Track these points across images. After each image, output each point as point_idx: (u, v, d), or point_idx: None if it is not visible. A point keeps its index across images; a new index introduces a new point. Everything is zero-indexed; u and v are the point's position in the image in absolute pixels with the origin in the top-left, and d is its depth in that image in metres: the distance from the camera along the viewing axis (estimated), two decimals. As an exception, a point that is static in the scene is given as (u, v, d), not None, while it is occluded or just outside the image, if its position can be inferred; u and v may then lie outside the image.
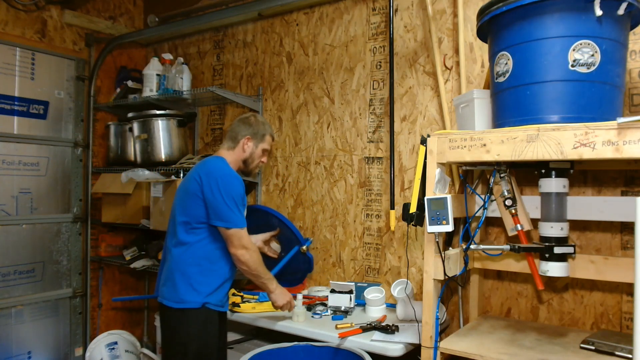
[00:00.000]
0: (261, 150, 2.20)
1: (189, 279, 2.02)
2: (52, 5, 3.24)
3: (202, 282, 2.02)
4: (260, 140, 2.19)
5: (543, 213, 1.73)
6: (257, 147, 2.19)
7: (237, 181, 2.05)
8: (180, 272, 2.03)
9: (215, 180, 2.00)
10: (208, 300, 2.02)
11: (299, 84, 2.90)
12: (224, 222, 1.99)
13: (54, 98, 3.28)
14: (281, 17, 2.99)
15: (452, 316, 2.28)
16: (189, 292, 2.00)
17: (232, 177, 2.05)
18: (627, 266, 1.73)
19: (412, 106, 2.45)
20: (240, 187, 2.05)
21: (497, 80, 1.68)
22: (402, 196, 2.47)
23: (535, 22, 1.54)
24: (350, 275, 2.66)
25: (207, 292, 2.02)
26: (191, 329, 1.99)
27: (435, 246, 1.72)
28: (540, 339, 1.78)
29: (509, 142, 1.54)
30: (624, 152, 1.35)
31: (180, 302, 2.00)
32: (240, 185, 2.05)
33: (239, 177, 2.08)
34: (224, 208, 1.98)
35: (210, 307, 2.04)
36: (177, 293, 2.01)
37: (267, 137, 2.22)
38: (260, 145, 2.19)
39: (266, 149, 2.22)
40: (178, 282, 2.02)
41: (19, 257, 3.08)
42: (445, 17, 2.35)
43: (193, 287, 2.01)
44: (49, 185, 3.25)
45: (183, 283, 2.02)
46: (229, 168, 2.09)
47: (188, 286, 2.01)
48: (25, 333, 3.11)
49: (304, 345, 1.98)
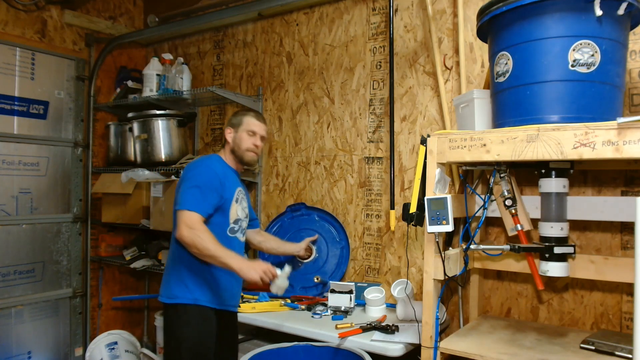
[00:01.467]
0: (245, 134, 2.14)
1: (179, 274, 2.02)
2: (52, 5, 3.24)
3: (191, 278, 2.01)
4: (238, 125, 2.15)
5: (543, 213, 1.73)
6: (237, 132, 2.14)
7: (204, 168, 2.03)
8: (173, 267, 2.05)
9: (184, 171, 2.07)
10: (198, 296, 2.00)
11: (299, 84, 2.90)
12: (176, 205, 1.97)
13: (54, 98, 3.28)
14: (281, 17, 2.99)
15: (452, 316, 2.28)
16: (179, 287, 2.01)
17: (199, 165, 2.05)
18: (627, 266, 1.73)
19: (412, 106, 2.45)
20: (205, 173, 2.01)
21: (497, 80, 1.68)
22: (402, 196, 2.47)
23: (535, 22, 1.54)
24: (350, 275, 2.66)
25: (196, 287, 2.01)
26: (184, 325, 1.98)
27: (435, 246, 1.72)
28: (540, 339, 1.78)
29: (509, 142, 1.54)
30: (624, 152, 1.35)
31: (171, 298, 2.01)
32: (207, 171, 2.02)
33: (210, 165, 2.06)
34: (179, 192, 1.97)
35: (203, 304, 2.01)
36: (169, 288, 2.02)
37: (245, 119, 2.16)
38: (240, 129, 2.14)
39: (251, 130, 2.14)
40: (171, 277, 2.04)
41: (19, 257, 3.08)
42: (445, 17, 2.35)
43: (184, 282, 2.01)
44: (49, 185, 3.25)
45: (175, 278, 2.03)
46: (208, 160, 2.10)
47: (179, 281, 2.01)
48: (25, 333, 3.11)
49: (304, 345, 1.98)
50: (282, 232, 2.81)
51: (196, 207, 1.93)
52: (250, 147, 2.15)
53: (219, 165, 2.11)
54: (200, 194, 1.96)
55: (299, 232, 2.76)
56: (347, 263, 2.63)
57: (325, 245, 2.67)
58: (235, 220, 2.11)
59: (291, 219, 2.83)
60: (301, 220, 2.79)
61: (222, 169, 2.10)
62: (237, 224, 2.12)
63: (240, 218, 2.14)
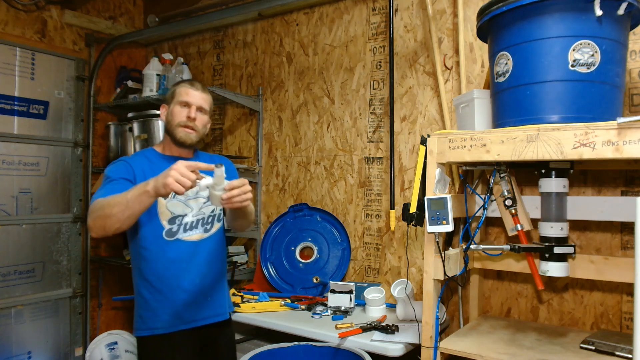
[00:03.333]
0: (177, 106, 1.79)
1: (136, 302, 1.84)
2: (52, 5, 3.24)
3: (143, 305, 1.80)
4: (170, 99, 1.82)
5: (543, 213, 1.73)
6: (170, 107, 1.81)
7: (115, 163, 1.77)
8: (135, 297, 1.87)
9: None
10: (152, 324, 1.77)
11: (299, 84, 2.90)
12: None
13: (54, 98, 3.27)
14: (281, 17, 2.99)
15: (452, 316, 2.28)
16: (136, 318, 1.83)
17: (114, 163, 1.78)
18: (627, 266, 1.73)
19: (412, 106, 2.45)
20: (114, 166, 1.74)
21: (497, 80, 1.68)
22: (402, 196, 2.47)
23: (535, 22, 1.54)
24: (350, 275, 2.65)
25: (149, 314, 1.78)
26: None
27: (435, 246, 1.72)
28: (540, 339, 1.78)
29: (509, 142, 1.54)
30: (624, 152, 1.35)
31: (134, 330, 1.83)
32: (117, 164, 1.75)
33: (124, 159, 1.78)
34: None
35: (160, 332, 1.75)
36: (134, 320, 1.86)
37: (176, 90, 1.82)
38: (172, 103, 1.81)
39: (183, 101, 1.78)
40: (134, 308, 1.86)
41: (19, 257, 3.08)
42: (445, 17, 2.35)
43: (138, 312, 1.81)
44: (49, 185, 3.25)
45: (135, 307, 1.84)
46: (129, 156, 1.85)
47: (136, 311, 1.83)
48: (25, 333, 3.10)
49: (304, 345, 1.98)
50: (284, 232, 2.82)
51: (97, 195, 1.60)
52: (182, 121, 1.77)
53: (143, 158, 1.79)
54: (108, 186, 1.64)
55: (300, 233, 2.76)
56: (348, 264, 2.63)
57: (326, 246, 2.67)
58: (170, 219, 1.76)
59: (293, 219, 2.82)
60: (303, 221, 2.79)
61: (144, 162, 1.77)
62: (174, 224, 1.77)
63: (179, 214, 1.78)
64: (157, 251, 1.75)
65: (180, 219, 1.79)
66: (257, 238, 2.97)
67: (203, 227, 1.84)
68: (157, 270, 1.76)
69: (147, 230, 1.74)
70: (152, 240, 1.75)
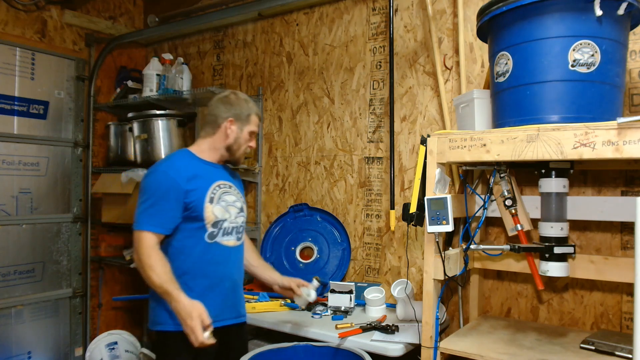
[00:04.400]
0: (248, 134, 1.88)
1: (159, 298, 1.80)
2: (52, 5, 3.24)
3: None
4: (245, 122, 1.87)
5: (543, 213, 1.73)
6: (242, 131, 1.87)
7: (158, 175, 1.78)
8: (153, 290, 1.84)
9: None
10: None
11: (299, 84, 2.90)
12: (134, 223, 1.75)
13: (54, 98, 3.27)
14: (281, 17, 2.99)
15: (452, 316, 2.28)
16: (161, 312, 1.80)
17: (154, 172, 1.79)
18: (627, 266, 1.73)
19: (412, 106, 2.45)
20: (159, 181, 1.76)
21: (497, 80, 1.68)
22: (402, 196, 2.47)
23: (535, 22, 1.54)
24: (350, 275, 2.65)
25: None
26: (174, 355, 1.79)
27: (435, 246, 1.72)
28: (540, 339, 1.78)
29: (509, 142, 1.54)
30: (624, 152, 1.35)
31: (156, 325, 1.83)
32: (160, 178, 1.77)
33: (167, 170, 1.78)
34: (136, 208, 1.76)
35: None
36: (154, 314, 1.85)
37: (252, 117, 1.89)
38: (246, 128, 1.88)
39: (253, 131, 1.90)
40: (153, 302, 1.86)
41: (19, 257, 3.08)
42: (445, 17, 2.35)
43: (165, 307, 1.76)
44: (49, 185, 3.25)
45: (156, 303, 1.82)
46: (168, 161, 1.85)
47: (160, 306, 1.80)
48: (25, 333, 3.10)
49: (304, 345, 1.98)
50: (285, 232, 2.82)
51: (150, 225, 1.71)
52: (248, 151, 1.92)
53: (184, 163, 1.83)
54: (153, 207, 1.72)
55: (300, 233, 2.76)
56: (348, 264, 2.63)
57: (326, 246, 2.68)
58: (214, 223, 1.82)
59: (294, 219, 2.82)
60: (303, 221, 2.79)
61: (187, 167, 1.81)
62: (216, 227, 1.83)
63: (220, 219, 1.84)
64: (196, 252, 1.81)
65: (221, 224, 1.85)
66: (257, 238, 2.97)
67: (236, 235, 1.92)
68: (194, 270, 1.81)
69: (190, 229, 1.80)
70: (195, 242, 1.81)
